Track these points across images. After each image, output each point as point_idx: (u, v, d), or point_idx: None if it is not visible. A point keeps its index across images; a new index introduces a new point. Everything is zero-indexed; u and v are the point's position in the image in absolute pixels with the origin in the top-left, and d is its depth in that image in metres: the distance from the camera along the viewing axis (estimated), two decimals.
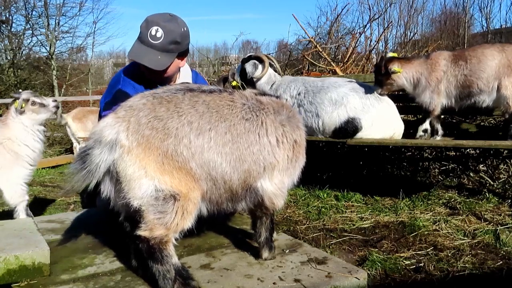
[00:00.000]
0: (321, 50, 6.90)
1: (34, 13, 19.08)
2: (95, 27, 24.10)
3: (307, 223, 3.41)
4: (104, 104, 2.61)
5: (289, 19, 31.14)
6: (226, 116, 1.90)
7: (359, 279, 2.06)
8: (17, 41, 19.02)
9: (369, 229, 3.22)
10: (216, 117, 1.87)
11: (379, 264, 2.50)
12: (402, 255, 2.66)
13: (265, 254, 2.24)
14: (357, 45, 7.59)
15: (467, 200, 3.69)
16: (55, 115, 3.84)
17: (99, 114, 2.78)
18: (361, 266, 2.48)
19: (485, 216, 3.30)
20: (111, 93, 2.58)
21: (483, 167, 4.28)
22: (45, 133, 3.47)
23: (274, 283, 1.98)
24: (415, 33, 19.51)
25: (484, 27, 21.58)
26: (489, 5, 22.16)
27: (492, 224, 3.13)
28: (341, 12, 18.21)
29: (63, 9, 19.62)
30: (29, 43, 19.52)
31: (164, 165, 1.76)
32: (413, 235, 3.00)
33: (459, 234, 2.97)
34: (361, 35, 8.37)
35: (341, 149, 4.99)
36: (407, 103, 4.20)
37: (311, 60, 7.09)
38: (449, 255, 2.64)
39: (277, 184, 2.06)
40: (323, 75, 6.28)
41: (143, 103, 1.84)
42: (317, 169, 4.87)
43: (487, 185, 4.05)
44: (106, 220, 2.64)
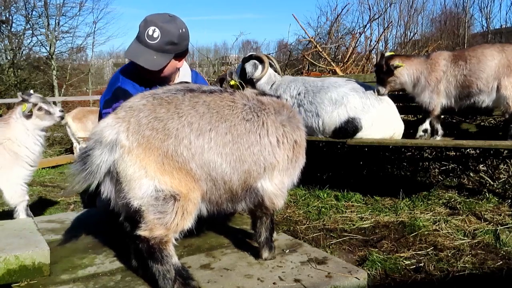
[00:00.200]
0: (321, 50, 6.90)
1: (34, 13, 19.17)
2: (95, 27, 24.24)
3: (307, 223, 3.41)
4: (104, 102, 2.61)
5: (289, 19, 31.15)
6: (226, 116, 1.90)
7: (359, 279, 2.06)
8: (17, 41, 19.06)
9: (369, 229, 3.22)
10: (216, 118, 1.87)
11: (379, 264, 2.50)
12: (402, 255, 2.66)
13: (265, 254, 2.24)
14: (357, 45, 7.60)
15: (467, 200, 3.69)
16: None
17: (99, 112, 2.78)
18: (361, 266, 2.48)
19: (485, 216, 3.30)
20: (111, 91, 2.58)
21: (483, 167, 4.28)
22: (45, 134, 3.46)
23: (274, 283, 1.98)
24: (415, 33, 19.56)
25: (484, 27, 21.62)
26: (489, 5, 22.19)
27: (492, 224, 3.13)
28: (341, 12, 18.25)
29: (63, 9, 19.72)
30: (29, 43, 19.60)
31: (164, 166, 1.76)
32: (413, 235, 3.00)
33: (459, 234, 2.98)
34: (361, 35, 8.38)
35: (341, 149, 4.99)
36: (407, 103, 4.20)
37: (311, 60, 7.08)
38: (449, 255, 2.64)
39: (277, 184, 2.06)
40: (323, 75, 6.27)
41: (143, 104, 1.84)
42: (317, 169, 4.88)
43: (487, 185, 4.05)
44: (106, 220, 2.64)
